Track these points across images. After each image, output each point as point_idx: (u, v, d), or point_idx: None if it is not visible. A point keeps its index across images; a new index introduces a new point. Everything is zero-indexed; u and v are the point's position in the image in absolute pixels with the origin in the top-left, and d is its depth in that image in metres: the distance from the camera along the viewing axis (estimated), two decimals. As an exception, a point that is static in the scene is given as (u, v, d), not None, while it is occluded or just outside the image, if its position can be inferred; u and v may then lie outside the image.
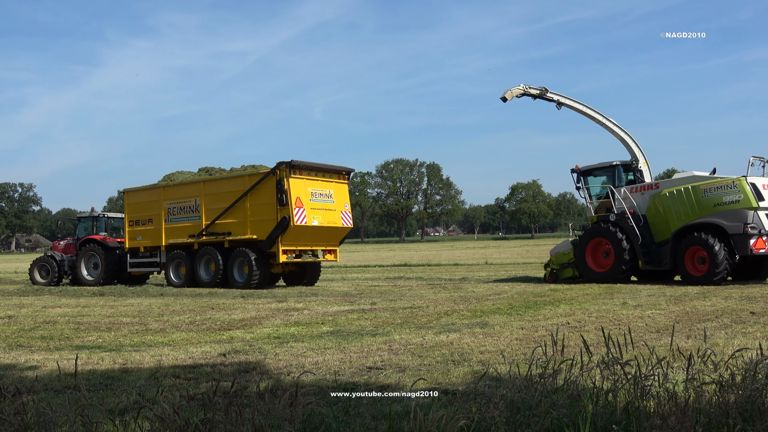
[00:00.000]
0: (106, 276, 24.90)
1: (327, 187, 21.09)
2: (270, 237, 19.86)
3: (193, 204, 22.26)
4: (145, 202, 23.79)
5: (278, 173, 19.92)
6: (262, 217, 20.25)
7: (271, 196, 20.01)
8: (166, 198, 23.05)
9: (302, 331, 10.50)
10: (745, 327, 9.65)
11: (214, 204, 21.61)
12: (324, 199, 20.83)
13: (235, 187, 21.16)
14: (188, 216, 22.39)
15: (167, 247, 22.90)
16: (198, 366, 7.56)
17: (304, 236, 20.33)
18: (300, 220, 19.71)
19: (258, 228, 20.35)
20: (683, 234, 18.18)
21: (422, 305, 14.09)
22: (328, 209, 20.86)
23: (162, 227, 23.00)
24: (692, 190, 18.16)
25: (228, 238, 21.12)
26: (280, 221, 19.63)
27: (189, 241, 22.12)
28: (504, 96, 20.43)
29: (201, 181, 22.35)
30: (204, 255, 21.58)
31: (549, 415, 4.07)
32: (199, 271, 21.65)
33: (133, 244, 24.02)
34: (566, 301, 14.16)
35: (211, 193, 21.86)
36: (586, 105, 20.97)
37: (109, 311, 14.35)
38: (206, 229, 21.62)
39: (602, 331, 5.47)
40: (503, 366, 6.65)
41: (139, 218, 23.89)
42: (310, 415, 4.73)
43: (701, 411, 4.09)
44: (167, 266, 22.61)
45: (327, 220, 20.73)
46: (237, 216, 20.97)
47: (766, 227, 17.34)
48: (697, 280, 17.70)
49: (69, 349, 9.11)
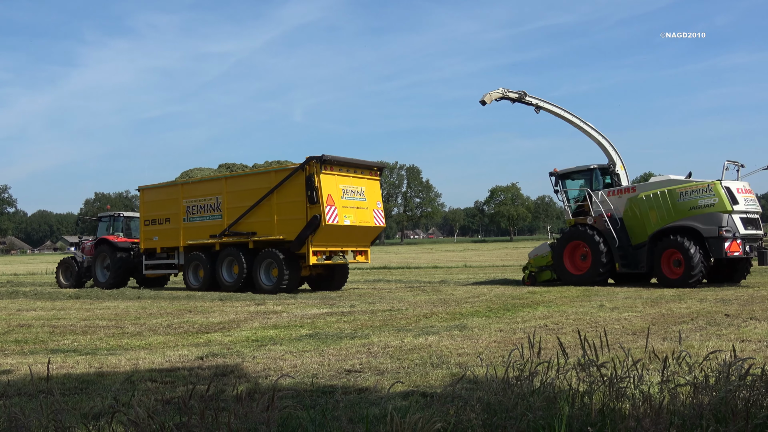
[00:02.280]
0: (116, 278, 23.85)
1: (358, 184, 19.77)
2: (299, 237, 18.64)
3: (214, 202, 21.00)
4: (162, 201, 22.55)
5: (308, 169, 18.66)
6: (291, 216, 19.10)
7: (300, 194, 18.83)
8: (185, 196, 21.82)
9: (281, 334, 10.45)
10: (719, 329, 9.77)
11: (237, 202, 20.40)
12: (356, 196, 19.53)
13: (261, 184, 19.92)
14: (209, 215, 21.15)
15: (186, 248, 21.70)
16: (175, 369, 7.49)
17: (336, 236, 19.13)
18: (331, 219, 18.47)
19: (286, 228, 19.16)
20: (659, 237, 18.38)
21: (401, 308, 14.10)
22: (360, 207, 19.57)
23: (180, 227, 21.81)
24: (668, 194, 18.38)
25: (253, 239, 19.91)
26: (311, 220, 18.44)
27: (210, 241, 20.89)
28: (483, 99, 20.53)
29: (223, 178, 21.05)
30: (226, 256, 20.32)
31: (525, 418, 4.09)
32: (221, 273, 20.43)
33: (149, 244, 22.84)
34: (544, 304, 14.25)
35: (233, 191, 20.61)
36: (564, 109, 21.15)
37: (85, 314, 14.18)
38: (229, 228, 20.39)
39: (579, 334, 5.50)
40: (481, 368, 6.67)
41: (155, 217, 22.66)
42: (287, 419, 4.70)
43: (675, 412, 4.13)
44: (185, 268, 21.48)
45: (359, 219, 19.46)
46: (262, 215, 19.78)
47: (740, 230, 17.57)
48: (673, 282, 17.88)
49: (43, 352, 8.99)
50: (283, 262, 18.90)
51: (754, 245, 18.16)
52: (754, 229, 18.07)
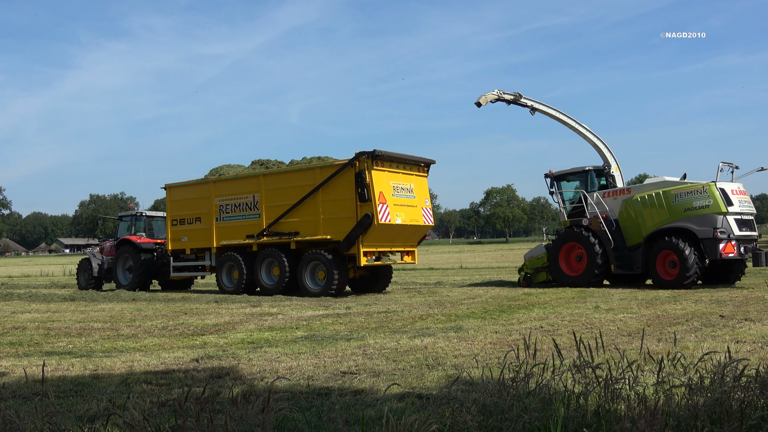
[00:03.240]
0: (139, 280, 22.89)
1: (408, 181, 18.91)
2: (349, 237, 17.63)
3: (251, 200, 19.86)
4: (192, 199, 21.36)
5: (357, 165, 17.72)
6: (338, 215, 18.10)
7: (349, 191, 17.86)
8: (218, 194, 20.64)
9: (276, 336, 10.44)
10: (714, 330, 9.79)
11: (277, 200, 19.32)
12: (406, 194, 18.63)
13: (304, 181, 18.85)
14: (245, 214, 19.99)
15: (218, 249, 20.63)
16: (170, 372, 7.48)
17: (387, 236, 18.24)
18: (384, 217, 17.53)
19: (333, 227, 18.17)
20: (654, 238, 18.42)
21: (397, 309, 14.09)
22: (410, 205, 18.69)
23: (212, 227, 20.68)
24: (663, 195, 18.42)
25: (295, 239, 18.85)
26: (362, 219, 17.46)
27: (246, 242, 19.82)
28: (478, 101, 20.54)
29: (260, 175, 19.92)
30: (266, 258, 19.27)
31: (521, 419, 4.09)
32: (260, 275, 19.39)
33: (177, 245, 21.67)
34: (540, 305, 14.26)
35: (273, 188, 19.51)
36: (560, 110, 21.19)
37: (80, 316, 14.14)
38: (268, 228, 19.31)
39: (574, 335, 5.51)
40: (477, 370, 6.68)
41: (184, 217, 21.49)
42: (283, 421, 4.70)
43: (670, 414, 4.14)
44: (218, 270, 20.37)
45: (409, 217, 18.58)
46: (306, 214, 18.75)
47: (735, 232, 17.61)
48: (668, 284, 17.92)
49: (38, 355, 8.96)
50: (332, 264, 17.93)
51: (749, 246, 18.19)
52: (748, 231, 18.11)
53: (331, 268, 17.87)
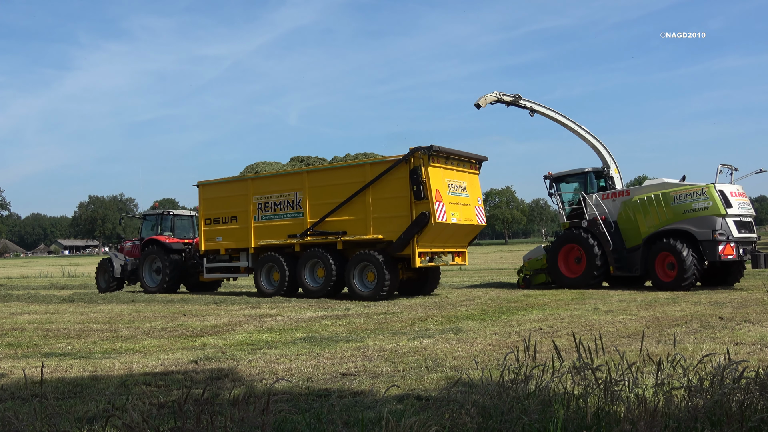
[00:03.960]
0: (170, 282, 21.85)
1: (461, 178, 18.16)
2: (403, 237, 16.81)
3: (293, 199, 18.98)
4: (227, 197, 20.39)
5: (412, 161, 16.93)
6: (390, 214, 17.26)
7: (402, 189, 17.05)
8: (256, 192, 19.71)
9: (275, 337, 10.43)
10: (713, 332, 9.79)
11: (321, 198, 18.44)
12: (459, 192, 17.88)
13: (352, 178, 17.96)
14: (286, 213, 19.09)
15: (257, 249, 19.70)
16: (169, 373, 7.47)
17: (441, 236, 17.49)
18: (441, 216, 16.75)
19: (384, 226, 17.33)
20: (653, 240, 18.45)
21: (396, 311, 14.09)
22: (464, 204, 17.92)
23: (250, 226, 19.69)
24: (662, 197, 18.45)
25: (343, 239, 17.96)
26: (418, 218, 16.64)
27: (288, 242, 18.90)
28: (478, 102, 20.53)
29: (303, 172, 18.93)
30: (310, 258, 18.35)
31: (520, 421, 4.09)
32: (304, 277, 18.43)
33: (211, 245, 20.63)
34: (539, 307, 14.26)
35: (317, 186, 18.60)
36: (559, 112, 21.20)
37: (79, 318, 14.13)
38: (312, 228, 18.43)
39: (574, 337, 5.51)
40: (476, 372, 6.67)
41: (218, 216, 20.50)
42: (283, 423, 4.70)
43: (670, 416, 4.14)
44: (257, 271, 19.45)
45: (464, 216, 17.81)
46: (354, 212, 17.87)
47: (734, 234, 17.64)
48: (667, 285, 17.95)
49: (37, 356, 8.96)
50: (383, 265, 17.06)
51: (748, 248, 18.22)
52: (747, 233, 18.15)
53: (382, 269, 17.04)
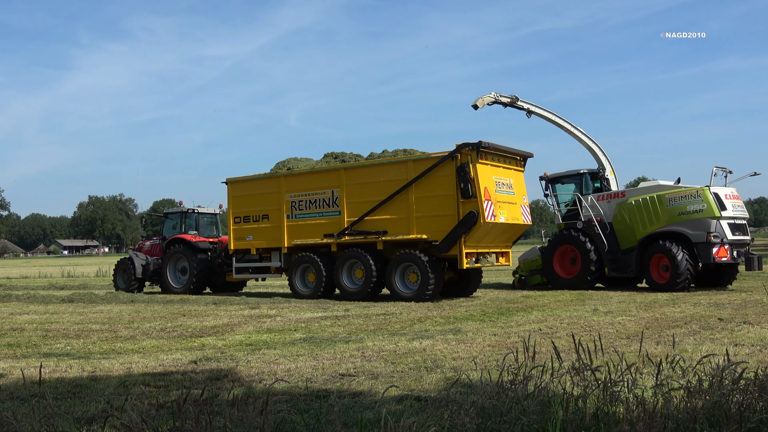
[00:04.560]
0: (197, 283, 21.19)
1: (508, 176, 17.57)
2: (449, 237, 16.22)
3: (330, 196, 18.30)
4: (258, 195, 19.72)
5: (460, 157, 16.34)
6: (435, 213, 16.67)
7: (448, 186, 16.47)
8: (289, 189, 19.03)
9: (275, 338, 10.43)
10: (712, 333, 9.79)
11: (360, 196, 17.80)
12: (506, 190, 17.29)
13: (394, 175, 17.32)
14: (322, 211, 18.43)
15: (290, 249, 19.04)
16: (168, 373, 7.47)
17: (489, 235, 16.90)
18: (490, 216, 16.18)
19: (428, 225, 16.73)
20: (649, 242, 18.58)
21: (396, 312, 14.09)
22: (510, 202, 17.33)
23: (283, 225, 19.02)
24: (657, 199, 18.59)
25: (383, 238, 17.32)
26: (466, 217, 16.04)
27: (324, 241, 18.27)
28: (475, 104, 20.52)
29: (341, 169, 18.32)
30: (348, 259, 17.70)
31: (519, 422, 4.09)
32: (341, 278, 17.78)
33: (241, 245, 19.96)
34: (538, 308, 14.26)
35: (356, 183, 17.95)
36: (555, 113, 21.25)
37: (78, 318, 14.12)
38: (351, 227, 17.80)
39: (573, 338, 5.51)
40: (475, 372, 6.67)
41: (249, 214, 19.81)
42: (282, 423, 4.70)
43: (669, 416, 4.14)
44: (291, 272, 18.75)
45: (511, 215, 17.23)
46: (395, 211, 17.22)
47: (728, 236, 17.81)
48: (661, 286, 18.12)
49: (36, 356, 8.95)
50: (428, 266, 16.46)
51: (742, 251, 18.39)
52: (741, 235, 18.31)
53: (426, 270, 16.44)
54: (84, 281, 33.38)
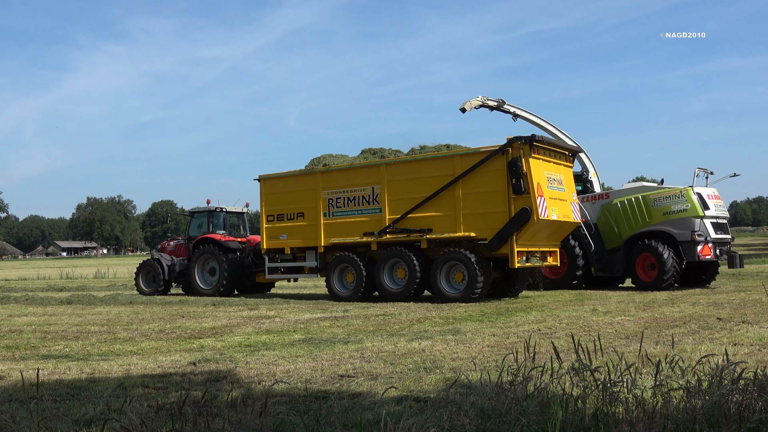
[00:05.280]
0: (227, 284, 20.61)
1: (558, 171, 16.93)
2: (500, 234, 15.66)
3: (370, 193, 17.67)
4: (293, 192, 19.10)
5: (511, 152, 15.76)
6: (484, 210, 16.08)
7: (498, 182, 15.88)
8: (326, 186, 18.40)
9: (274, 339, 10.43)
10: (712, 333, 9.80)
11: (403, 193, 17.18)
12: (557, 186, 16.66)
13: (439, 170, 16.73)
14: (362, 209, 17.81)
15: (327, 248, 18.45)
16: (167, 375, 7.46)
17: (540, 234, 16.36)
18: (543, 212, 15.61)
19: (476, 223, 16.12)
20: (634, 241, 19.02)
21: (395, 312, 14.09)
22: (561, 199, 16.73)
23: (320, 223, 18.38)
24: (643, 200, 19.08)
25: (428, 236, 16.71)
26: (518, 214, 15.50)
27: (364, 240, 17.64)
28: (463, 107, 20.46)
29: (382, 164, 17.67)
30: (389, 258, 17.07)
31: (519, 422, 4.08)
32: (383, 278, 17.13)
33: (274, 244, 19.33)
34: (537, 308, 14.27)
35: (398, 179, 17.31)
36: (540, 117, 21.38)
37: (76, 320, 14.11)
38: (393, 225, 17.17)
39: (572, 338, 5.51)
40: (474, 373, 6.66)
41: (282, 212, 19.19)
42: (281, 424, 4.69)
43: (669, 417, 4.14)
44: (329, 273, 18.09)
45: (562, 213, 16.63)
46: (440, 208, 16.61)
47: (711, 235, 18.36)
48: (647, 285, 18.54)
49: (35, 358, 8.94)
50: (476, 266, 15.84)
51: (724, 249, 18.97)
52: (723, 234, 18.90)
53: (474, 269, 15.82)
54: (83, 283, 33.36)
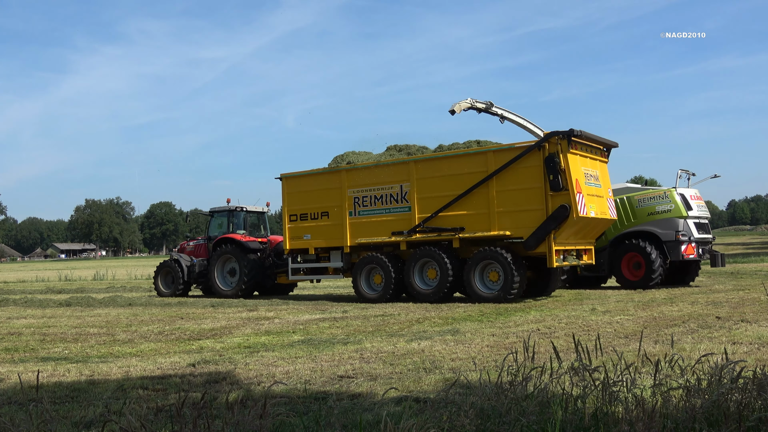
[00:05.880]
0: (247, 285, 20.23)
1: (594, 167, 16.51)
2: (537, 233, 15.27)
3: (398, 191, 17.25)
4: (317, 191, 18.65)
5: (548, 147, 15.36)
6: (520, 207, 15.67)
7: (535, 179, 15.47)
8: (351, 184, 17.96)
9: (273, 340, 10.42)
10: (711, 332, 9.80)
11: (433, 191, 16.75)
12: (594, 182, 16.23)
13: (471, 167, 16.28)
14: (389, 207, 17.38)
15: (353, 248, 18.05)
16: (167, 377, 7.45)
17: (578, 231, 15.93)
18: (583, 209, 15.22)
19: (511, 221, 15.74)
20: (620, 241, 19.36)
21: (394, 313, 14.08)
22: (598, 195, 16.28)
23: (345, 222, 17.97)
24: (627, 201, 19.45)
25: (460, 236, 16.28)
26: (556, 211, 15.09)
27: (393, 239, 17.23)
28: (452, 109, 20.36)
29: (411, 161, 17.22)
30: (420, 258, 16.63)
31: (518, 422, 4.08)
32: (413, 278, 16.71)
33: (298, 244, 18.86)
34: (536, 308, 14.27)
35: (428, 177, 16.89)
36: (527, 119, 21.37)
37: (75, 322, 14.10)
38: (423, 224, 16.73)
39: (573, 338, 5.52)
40: (474, 373, 6.66)
41: (306, 211, 18.74)
42: (280, 426, 4.68)
43: (668, 416, 4.14)
44: (356, 274, 17.63)
45: (600, 209, 16.19)
46: (473, 206, 16.17)
47: (694, 234, 18.86)
48: (633, 284, 18.90)
49: (34, 360, 8.93)
50: (512, 265, 15.45)
51: (706, 248, 19.49)
52: (704, 233, 19.42)
53: (510, 268, 15.41)
54: (81, 285, 33.34)
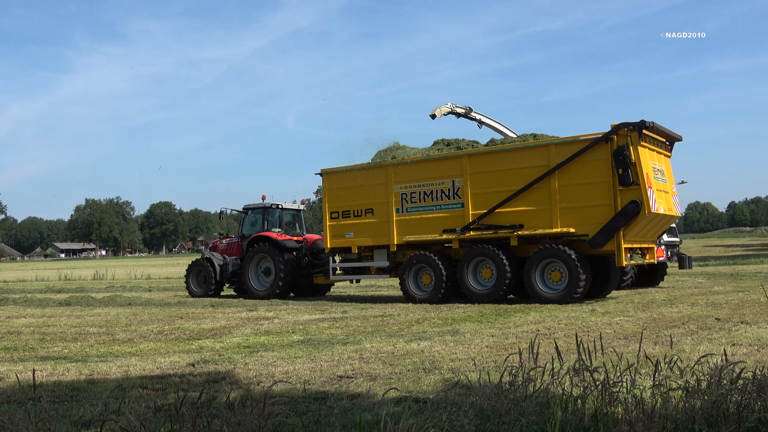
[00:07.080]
0: (283, 285, 19.43)
1: (660, 161, 15.68)
2: (605, 230, 14.54)
3: (450, 187, 16.52)
4: (361, 187, 17.85)
5: (616, 139, 14.59)
6: (585, 203, 14.94)
7: (602, 173, 14.74)
8: (399, 180, 17.22)
9: (272, 340, 10.42)
10: (710, 333, 9.80)
11: (488, 186, 16.05)
12: (660, 177, 15.43)
13: (530, 161, 15.57)
14: (440, 204, 16.64)
15: (399, 247, 17.29)
16: (166, 376, 7.45)
17: (647, 229, 15.20)
18: (654, 205, 14.47)
19: (575, 217, 15.01)
20: None
21: (393, 313, 14.08)
22: (665, 191, 15.55)
23: (392, 219, 17.24)
24: None
25: (519, 233, 15.61)
26: (626, 207, 14.34)
27: (445, 237, 16.56)
28: (433, 113, 20.36)
29: (464, 156, 16.47)
30: (474, 257, 15.95)
31: (518, 423, 4.08)
32: (467, 279, 16.04)
33: (340, 242, 18.11)
34: (536, 309, 14.26)
35: (482, 171, 16.16)
36: (504, 125, 21.48)
37: (75, 321, 14.09)
38: (478, 221, 15.99)
39: (575, 338, 5.51)
40: (474, 374, 6.66)
41: (349, 208, 17.98)
42: (280, 426, 4.68)
43: (668, 417, 4.14)
44: (403, 273, 16.95)
45: (667, 206, 15.48)
46: (533, 201, 15.49)
47: (663, 238, 19.57)
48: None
49: (33, 360, 8.92)
50: (577, 264, 14.77)
51: (674, 251, 20.36)
52: (672, 237, 20.41)
53: (575, 267, 14.74)
54: (81, 284, 33.35)
